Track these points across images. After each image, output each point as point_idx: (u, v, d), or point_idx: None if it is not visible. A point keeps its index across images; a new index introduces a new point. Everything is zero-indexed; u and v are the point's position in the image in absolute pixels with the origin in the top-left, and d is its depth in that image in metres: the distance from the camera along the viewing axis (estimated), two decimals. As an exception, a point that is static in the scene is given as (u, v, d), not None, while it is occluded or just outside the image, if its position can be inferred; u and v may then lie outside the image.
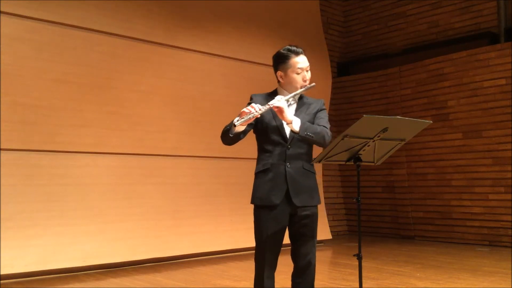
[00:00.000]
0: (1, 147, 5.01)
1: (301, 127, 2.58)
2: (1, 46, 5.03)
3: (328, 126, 2.73)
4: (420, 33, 8.59)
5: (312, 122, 2.72)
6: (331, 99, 8.73)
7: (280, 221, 2.67)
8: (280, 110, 2.55)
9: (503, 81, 7.19)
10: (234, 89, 6.94)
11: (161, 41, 6.33)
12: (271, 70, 2.86)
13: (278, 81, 2.80)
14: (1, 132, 5.01)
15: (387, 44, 9.07)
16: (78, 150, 5.56)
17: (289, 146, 2.68)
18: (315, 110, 2.77)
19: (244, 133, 2.64)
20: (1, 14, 5.05)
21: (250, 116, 2.49)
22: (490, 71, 7.32)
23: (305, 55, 2.76)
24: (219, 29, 6.97)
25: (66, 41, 5.52)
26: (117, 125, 5.88)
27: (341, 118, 9.32)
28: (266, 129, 2.70)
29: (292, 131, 2.63)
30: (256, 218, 2.73)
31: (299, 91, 2.70)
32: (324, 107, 2.83)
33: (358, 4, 9.55)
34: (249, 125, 2.64)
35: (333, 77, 8.82)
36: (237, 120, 2.51)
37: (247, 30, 7.34)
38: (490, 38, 7.61)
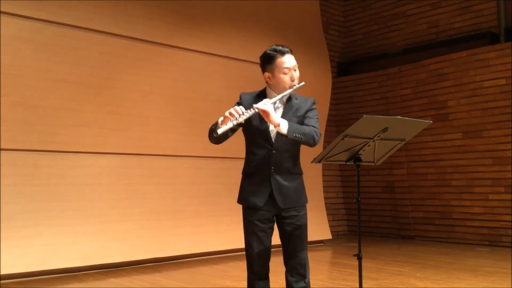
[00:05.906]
0: (1, 147, 5.01)
1: (289, 129, 2.51)
2: (1, 46, 5.03)
3: (317, 125, 2.67)
4: (420, 33, 8.59)
5: (301, 123, 2.66)
6: (331, 99, 8.74)
7: (265, 221, 2.67)
8: (266, 113, 2.49)
9: (503, 81, 7.19)
10: (234, 89, 6.91)
11: (161, 41, 6.32)
12: None
13: (267, 82, 2.74)
14: (1, 132, 5.01)
15: (387, 44, 9.06)
16: (78, 150, 5.56)
17: (273, 151, 2.64)
18: (303, 112, 2.70)
19: (232, 131, 2.61)
20: (1, 14, 5.04)
21: (230, 125, 2.47)
22: (490, 71, 7.32)
23: (293, 54, 2.69)
24: (219, 29, 6.97)
25: (66, 41, 5.52)
26: (117, 125, 5.88)
27: (341, 118, 9.32)
28: (253, 132, 2.68)
29: (279, 134, 2.58)
30: (244, 218, 2.75)
31: (286, 92, 2.64)
32: (313, 107, 2.75)
33: (358, 4, 9.55)
34: (238, 124, 2.57)
35: (333, 77, 8.82)
36: (220, 127, 2.49)
37: (247, 30, 7.34)
38: (490, 38, 7.61)
